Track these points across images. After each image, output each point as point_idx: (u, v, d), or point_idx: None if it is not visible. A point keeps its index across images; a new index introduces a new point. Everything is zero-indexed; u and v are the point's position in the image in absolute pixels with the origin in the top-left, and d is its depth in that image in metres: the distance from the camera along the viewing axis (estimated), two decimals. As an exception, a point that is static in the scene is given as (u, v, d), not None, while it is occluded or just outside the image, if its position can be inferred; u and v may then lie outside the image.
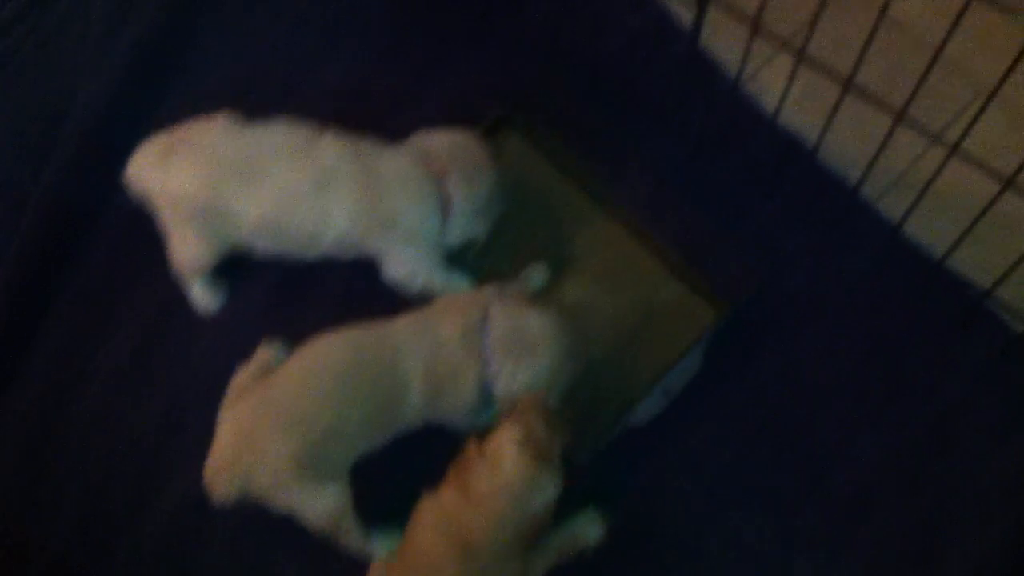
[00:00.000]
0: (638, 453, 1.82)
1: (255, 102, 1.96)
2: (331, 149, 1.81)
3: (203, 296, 1.95)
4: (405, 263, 1.85)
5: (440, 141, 1.89)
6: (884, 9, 1.56)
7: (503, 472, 1.50)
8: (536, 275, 1.97)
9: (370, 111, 2.13)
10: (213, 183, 1.77)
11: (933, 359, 1.88)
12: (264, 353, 1.75)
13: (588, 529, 1.68)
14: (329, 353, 1.65)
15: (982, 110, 1.53)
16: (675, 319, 1.96)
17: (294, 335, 1.73)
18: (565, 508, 1.57)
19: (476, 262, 1.98)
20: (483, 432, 1.58)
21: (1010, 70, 1.45)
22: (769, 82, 2.16)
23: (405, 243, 1.84)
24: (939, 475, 1.79)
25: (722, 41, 2.12)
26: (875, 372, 1.89)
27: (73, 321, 2.03)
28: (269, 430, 1.59)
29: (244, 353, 1.75)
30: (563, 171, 2.11)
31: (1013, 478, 1.77)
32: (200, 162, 1.78)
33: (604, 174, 2.08)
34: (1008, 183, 1.58)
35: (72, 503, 1.86)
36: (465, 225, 1.90)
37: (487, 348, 1.69)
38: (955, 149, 1.63)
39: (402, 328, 1.71)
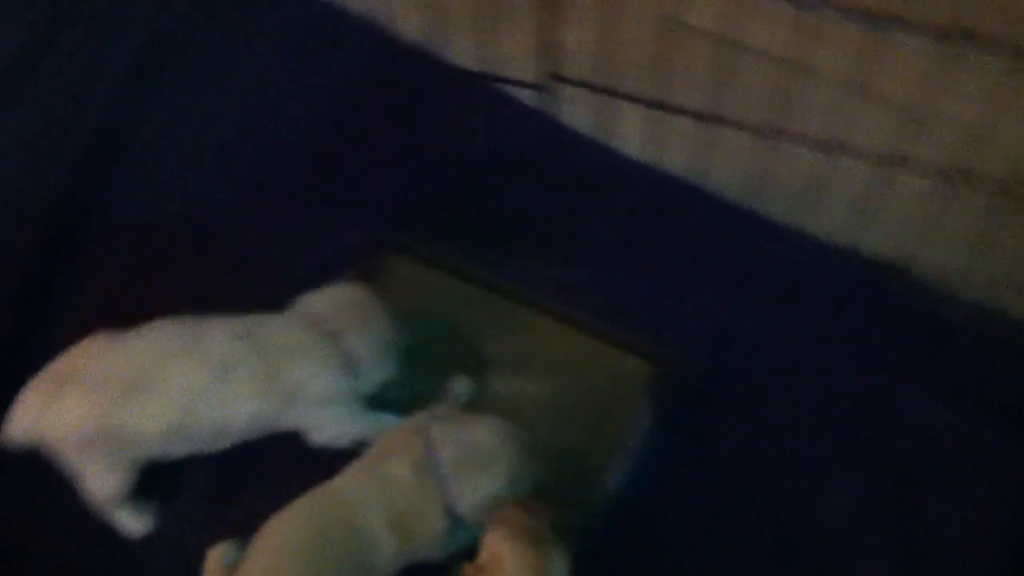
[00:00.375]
0: (603, 549, 1.79)
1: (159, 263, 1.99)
2: (218, 336, 1.79)
3: (129, 520, 1.82)
4: (326, 427, 1.84)
5: (326, 299, 1.90)
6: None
7: (511, 571, 1.49)
8: (460, 385, 1.99)
9: (272, 260, 2.15)
10: (106, 410, 1.71)
11: (889, 415, 1.93)
12: (215, 558, 1.67)
13: None
14: (288, 537, 1.61)
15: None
16: (614, 382, 1.99)
17: (244, 525, 1.66)
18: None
19: (398, 394, 1.98)
20: (465, 553, 1.59)
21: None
22: (633, 132, 2.24)
23: (320, 408, 1.83)
24: (907, 530, 1.81)
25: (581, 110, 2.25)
26: (832, 435, 1.92)
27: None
28: None
29: (193, 566, 1.67)
30: (467, 280, 2.15)
31: (979, 525, 1.80)
32: (86, 392, 1.72)
33: (513, 271, 2.13)
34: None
35: None
36: (375, 372, 1.91)
37: (441, 473, 1.69)
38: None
39: (351, 483, 1.70)
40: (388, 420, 1.89)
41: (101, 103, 2.31)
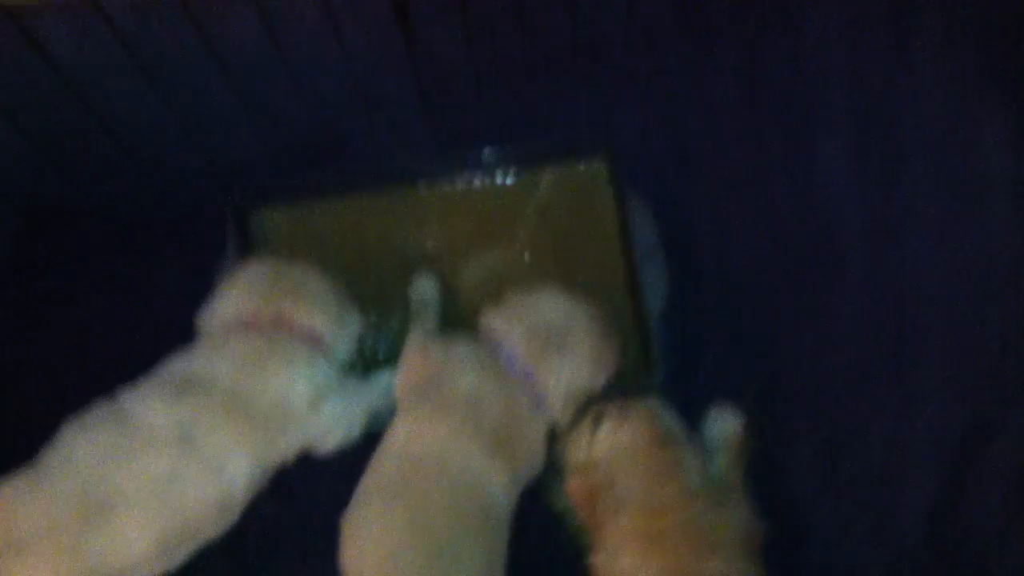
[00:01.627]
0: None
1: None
2: (151, 407, 1.47)
3: None
4: (328, 430, 1.57)
5: (238, 298, 1.60)
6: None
7: (630, 441, 1.47)
8: (421, 288, 1.78)
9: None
10: (73, 563, 1.37)
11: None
12: None
13: (726, 421, 1.67)
14: (386, 527, 1.42)
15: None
16: (581, 196, 1.91)
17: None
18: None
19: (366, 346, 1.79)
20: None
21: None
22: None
23: (315, 412, 1.54)
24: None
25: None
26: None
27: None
28: None
29: None
30: (351, 194, 1.93)
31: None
32: (35, 558, 1.37)
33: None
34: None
35: None
36: (342, 338, 1.64)
37: (513, 367, 1.52)
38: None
39: (416, 433, 1.48)
40: (385, 377, 1.64)
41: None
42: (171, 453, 1.42)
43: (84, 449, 1.43)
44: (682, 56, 2.11)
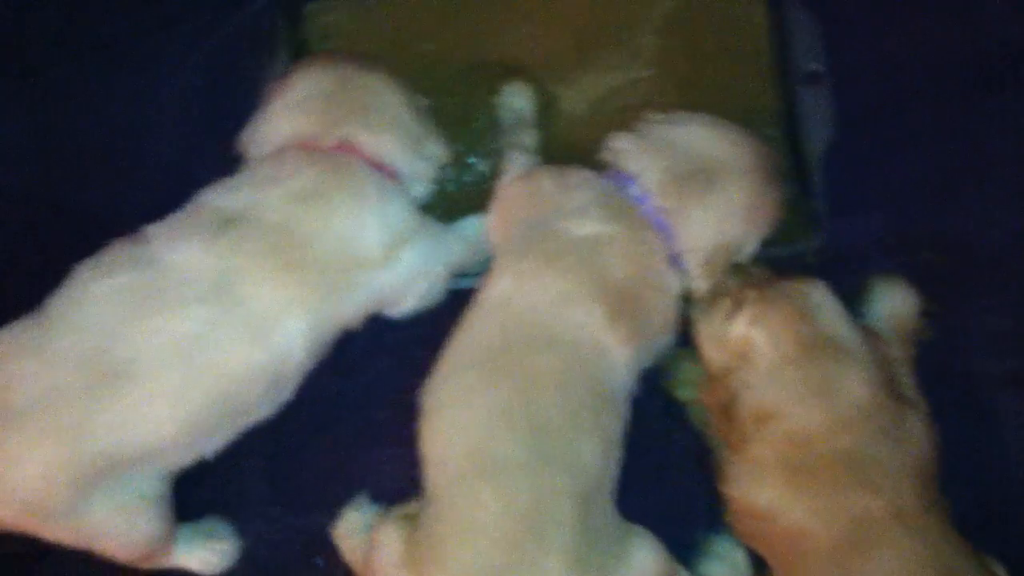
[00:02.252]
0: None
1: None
2: (185, 247, 1.16)
3: (200, 559, 1.32)
4: (405, 285, 1.26)
5: (292, 120, 1.26)
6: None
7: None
8: (515, 95, 1.44)
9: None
10: (77, 435, 1.09)
11: None
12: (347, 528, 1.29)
13: (896, 298, 1.36)
14: (481, 396, 1.15)
15: None
16: (728, 5, 1.52)
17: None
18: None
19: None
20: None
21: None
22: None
23: (386, 264, 1.22)
24: None
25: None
26: None
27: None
28: None
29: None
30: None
31: None
32: (32, 423, 1.10)
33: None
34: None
35: None
36: (422, 168, 1.30)
37: (645, 210, 1.20)
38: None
39: (516, 280, 1.18)
40: (474, 222, 1.33)
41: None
42: (207, 309, 1.13)
43: (99, 299, 1.12)
44: None
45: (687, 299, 1.25)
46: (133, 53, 1.63)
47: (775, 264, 1.44)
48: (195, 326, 1.12)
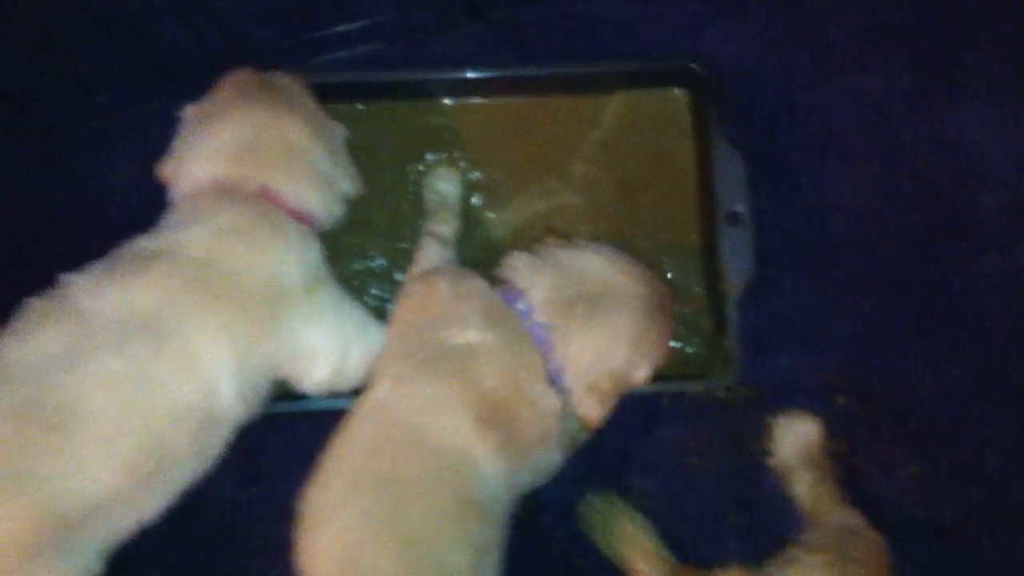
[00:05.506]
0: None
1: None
2: (106, 289, 1.16)
3: None
4: (320, 339, 1.25)
5: (213, 164, 1.25)
6: None
7: None
8: (443, 178, 1.48)
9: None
10: (12, 478, 1.08)
11: None
12: None
13: (801, 429, 1.45)
14: (347, 504, 1.14)
15: None
16: (657, 135, 1.53)
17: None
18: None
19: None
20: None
21: None
22: None
23: (305, 301, 1.24)
24: None
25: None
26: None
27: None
28: None
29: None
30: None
31: None
32: None
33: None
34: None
35: None
36: (335, 209, 1.34)
37: (532, 326, 1.20)
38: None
39: (399, 387, 1.18)
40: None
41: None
42: (134, 347, 1.11)
43: (26, 353, 1.11)
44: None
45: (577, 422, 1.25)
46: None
47: (688, 399, 1.46)
48: (124, 366, 1.11)
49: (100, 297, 1.14)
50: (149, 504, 1.16)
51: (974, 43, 1.64)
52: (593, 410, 1.22)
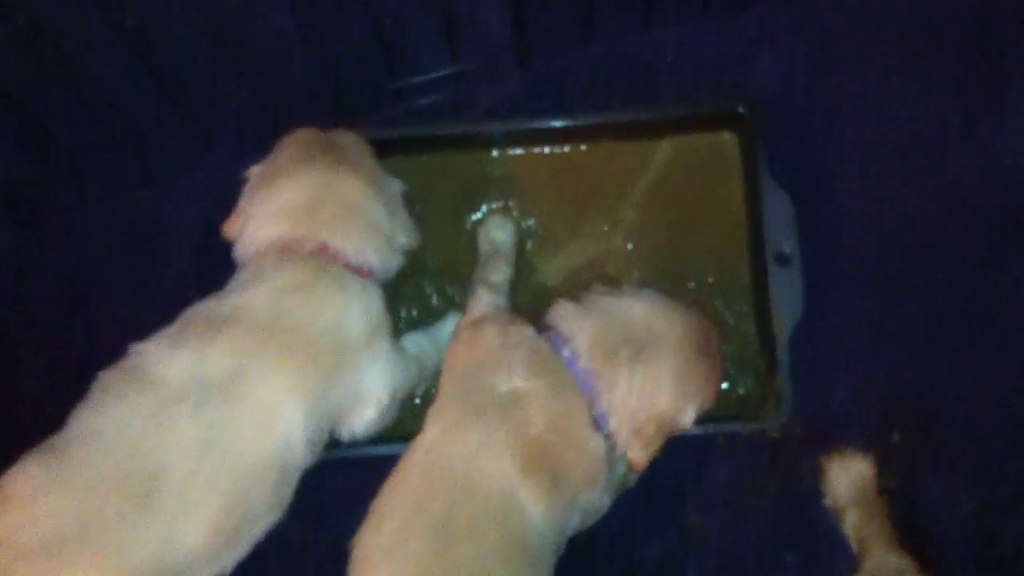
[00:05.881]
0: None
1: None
2: (179, 356, 1.21)
3: None
4: (384, 375, 1.31)
5: (274, 225, 1.31)
6: None
7: None
8: (497, 227, 1.53)
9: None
10: (110, 547, 1.13)
11: None
12: None
13: (853, 469, 1.48)
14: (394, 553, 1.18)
15: None
16: (705, 179, 1.58)
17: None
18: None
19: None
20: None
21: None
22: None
23: (368, 350, 1.30)
24: None
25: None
26: None
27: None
28: None
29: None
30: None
31: None
32: (77, 547, 1.12)
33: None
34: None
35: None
36: (393, 263, 1.39)
37: (582, 373, 1.23)
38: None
39: (446, 433, 1.22)
40: (421, 342, 1.43)
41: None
42: (212, 412, 1.16)
43: (105, 423, 1.17)
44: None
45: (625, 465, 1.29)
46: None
47: (742, 439, 1.48)
48: (205, 431, 1.16)
49: (173, 364, 1.19)
50: (230, 558, 1.22)
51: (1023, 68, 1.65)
52: (638, 453, 1.25)
